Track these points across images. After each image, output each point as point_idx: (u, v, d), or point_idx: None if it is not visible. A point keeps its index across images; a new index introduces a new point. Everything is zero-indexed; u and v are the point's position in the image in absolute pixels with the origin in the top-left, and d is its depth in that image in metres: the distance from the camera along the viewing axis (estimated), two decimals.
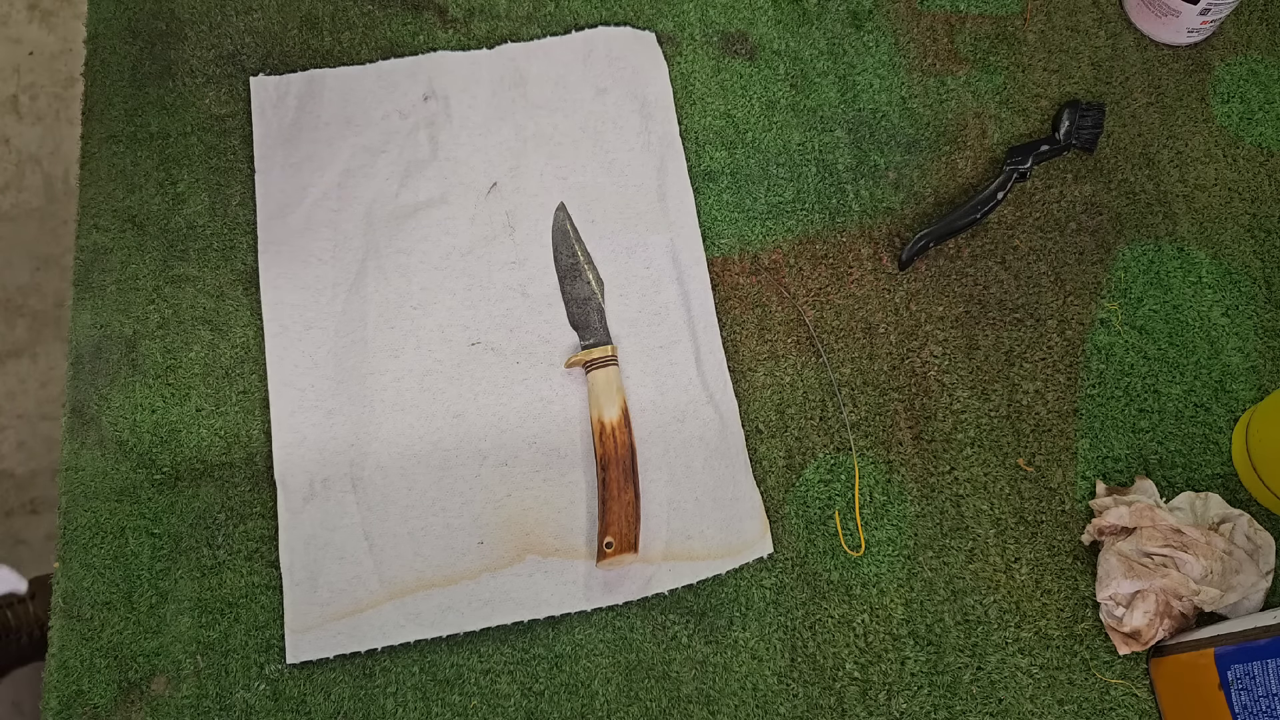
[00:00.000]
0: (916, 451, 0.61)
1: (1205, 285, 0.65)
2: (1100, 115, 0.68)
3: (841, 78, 0.70)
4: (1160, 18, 0.69)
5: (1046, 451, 0.61)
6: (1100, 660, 0.56)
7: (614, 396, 0.59)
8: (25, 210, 1.37)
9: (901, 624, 0.57)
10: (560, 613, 0.56)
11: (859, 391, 0.62)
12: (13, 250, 1.34)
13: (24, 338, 1.31)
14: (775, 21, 0.71)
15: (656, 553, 0.58)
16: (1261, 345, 0.63)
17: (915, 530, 0.59)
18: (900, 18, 0.72)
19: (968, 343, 0.63)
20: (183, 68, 0.69)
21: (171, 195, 0.66)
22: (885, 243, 0.66)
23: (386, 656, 0.56)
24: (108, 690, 0.55)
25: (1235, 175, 0.67)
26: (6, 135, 0.68)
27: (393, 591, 0.56)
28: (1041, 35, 0.71)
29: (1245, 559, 0.56)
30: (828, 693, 0.56)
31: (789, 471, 0.60)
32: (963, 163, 0.68)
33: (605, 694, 0.56)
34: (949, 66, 0.70)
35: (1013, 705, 0.56)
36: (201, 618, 0.56)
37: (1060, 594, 0.58)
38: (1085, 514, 0.59)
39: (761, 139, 0.68)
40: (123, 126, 0.67)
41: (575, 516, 0.58)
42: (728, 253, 0.65)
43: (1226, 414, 0.62)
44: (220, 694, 0.55)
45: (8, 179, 1.38)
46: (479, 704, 0.55)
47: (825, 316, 0.64)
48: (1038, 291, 0.64)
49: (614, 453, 0.58)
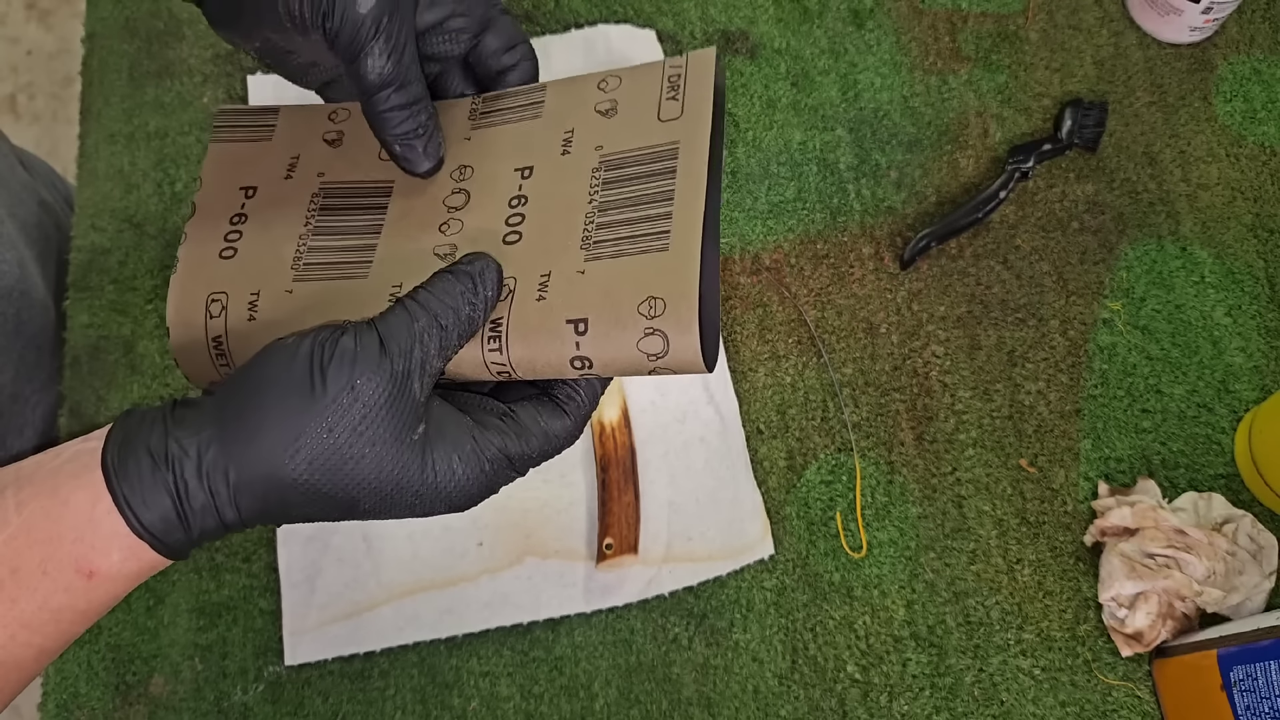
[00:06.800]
0: (918, 452, 0.60)
1: (1208, 285, 0.64)
2: (1102, 114, 0.67)
3: (843, 76, 0.70)
4: (1163, 16, 0.69)
5: (1049, 452, 0.61)
6: (1103, 662, 0.56)
7: (614, 397, 0.59)
8: None
9: (903, 625, 0.57)
10: (560, 615, 0.56)
11: (860, 392, 0.62)
12: None
13: None
14: (776, 20, 0.71)
15: (657, 554, 0.57)
16: (1265, 345, 0.63)
17: (917, 531, 0.59)
18: (902, 16, 0.71)
19: (970, 343, 0.63)
20: (181, 67, 0.69)
21: (170, 195, 0.65)
22: (887, 242, 0.65)
23: (385, 659, 0.56)
24: (105, 692, 0.55)
25: (1238, 174, 0.67)
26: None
27: (391, 593, 0.56)
28: (1044, 34, 0.71)
29: (1248, 560, 0.56)
30: (829, 695, 0.56)
31: (790, 472, 0.60)
32: (965, 162, 0.68)
33: (605, 696, 0.55)
34: (951, 65, 0.70)
35: (1015, 707, 0.55)
36: (199, 620, 0.56)
37: (1063, 595, 0.57)
38: (1088, 515, 0.59)
39: (762, 138, 0.68)
40: (120, 126, 0.67)
41: (575, 518, 0.58)
42: (728, 252, 0.65)
43: (1229, 414, 0.61)
44: (218, 696, 0.55)
45: None
46: (478, 706, 0.55)
47: (826, 316, 0.63)
48: (1040, 291, 0.64)
49: (614, 454, 0.58)
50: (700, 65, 0.39)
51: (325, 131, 0.44)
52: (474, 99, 0.43)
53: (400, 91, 0.39)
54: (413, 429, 0.33)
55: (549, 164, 0.40)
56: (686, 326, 0.34)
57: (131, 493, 0.32)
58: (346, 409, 0.32)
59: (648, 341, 0.34)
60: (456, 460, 0.34)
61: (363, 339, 0.33)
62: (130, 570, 0.33)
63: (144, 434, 0.33)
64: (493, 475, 0.35)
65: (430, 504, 0.34)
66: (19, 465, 0.34)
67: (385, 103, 0.39)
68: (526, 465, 0.37)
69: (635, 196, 0.37)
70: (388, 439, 0.33)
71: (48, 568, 0.32)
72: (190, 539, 0.33)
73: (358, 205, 0.42)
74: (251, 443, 0.32)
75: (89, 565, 0.32)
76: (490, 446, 0.35)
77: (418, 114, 0.39)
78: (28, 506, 0.32)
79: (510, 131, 0.42)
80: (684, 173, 0.37)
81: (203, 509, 0.32)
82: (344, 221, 0.41)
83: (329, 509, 0.34)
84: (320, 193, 0.42)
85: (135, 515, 0.32)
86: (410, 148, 0.40)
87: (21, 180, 0.68)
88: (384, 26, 0.37)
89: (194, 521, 0.32)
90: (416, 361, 0.33)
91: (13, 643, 0.32)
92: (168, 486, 0.32)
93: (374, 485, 0.33)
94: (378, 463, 0.33)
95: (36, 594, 0.32)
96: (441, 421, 0.34)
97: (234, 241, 0.42)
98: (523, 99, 0.42)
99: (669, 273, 0.35)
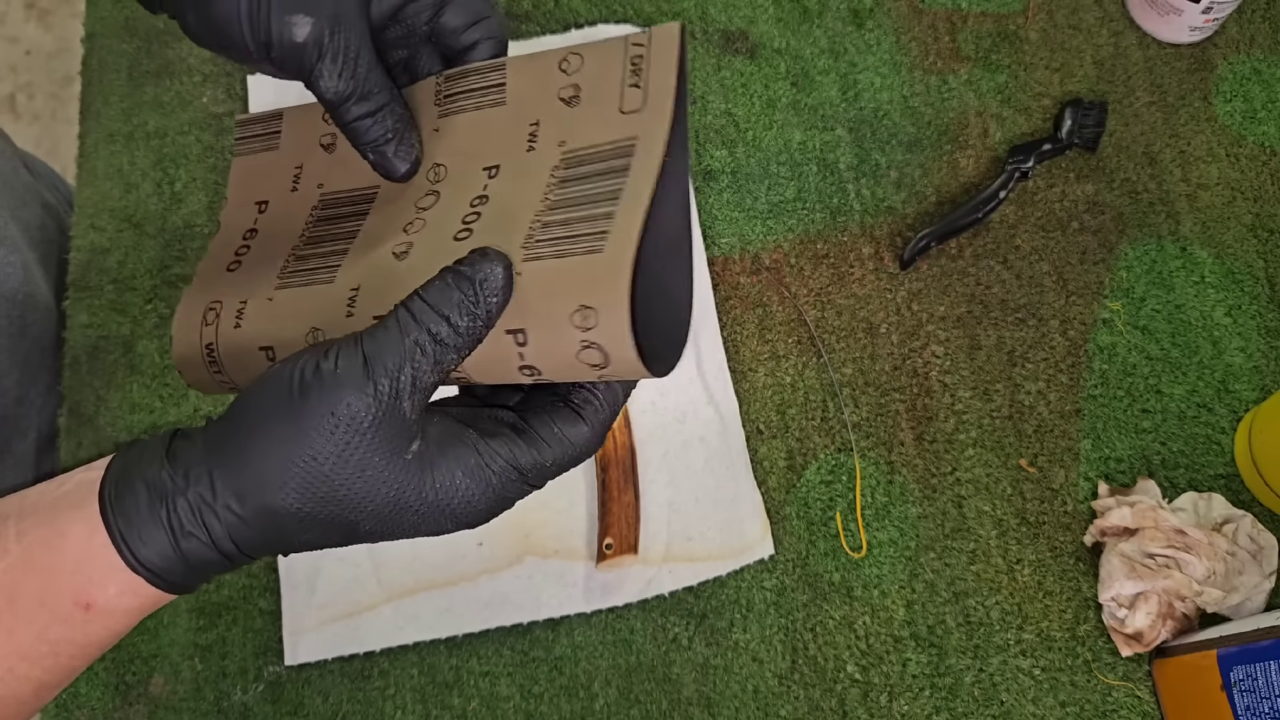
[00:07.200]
0: (918, 452, 0.60)
1: (1208, 285, 0.64)
2: (1102, 114, 0.67)
3: (843, 76, 0.70)
4: (1163, 16, 0.69)
5: (1049, 452, 0.61)
6: (1103, 662, 0.56)
7: None
8: None
9: (903, 626, 0.57)
10: (560, 615, 0.56)
11: (860, 392, 0.62)
12: None
13: None
14: (776, 20, 0.71)
15: (656, 554, 0.57)
16: (1265, 345, 0.63)
17: (917, 531, 0.59)
18: (902, 16, 0.71)
19: (970, 343, 0.63)
20: (180, 66, 0.68)
21: (169, 194, 0.65)
22: (887, 242, 0.65)
23: (385, 659, 0.56)
24: (105, 691, 0.55)
25: (1238, 174, 0.67)
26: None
27: (391, 593, 0.56)
28: (1043, 33, 0.71)
29: (1248, 560, 0.56)
30: (829, 695, 0.56)
31: (790, 472, 0.60)
32: (965, 161, 0.68)
33: (605, 696, 0.55)
34: (951, 65, 0.70)
35: (1015, 707, 0.55)
36: (199, 619, 0.56)
37: (1062, 595, 0.57)
38: (1087, 515, 0.59)
39: (762, 138, 0.68)
40: (120, 125, 0.67)
41: (575, 518, 0.58)
42: (728, 252, 0.65)
43: (1229, 414, 0.61)
44: (218, 696, 0.55)
45: None
46: (478, 706, 0.55)
47: (826, 316, 0.63)
48: (1040, 291, 0.64)
49: (614, 454, 0.58)
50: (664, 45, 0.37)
51: (322, 135, 0.44)
52: (437, 78, 0.42)
53: (361, 102, 0.38)
54: (404, 449, 0.32)
55: (513, 162, 0.39)
56: (620, 339, 0.32)
57: (128, 527, 0.31)
58: (329, 435, 0.31)
59: (587, 354, 0.33)
60: (460, 475, 0.32)
61: (344, 360, 0.31)
62: (129, 605, 0.32)
63: (141, 467, 0.32)
64: (501, 489, 0.33)
65: (436, 522, 0.33)
66: (24, 494, 0.33)
67: (349, 115, 0.38)
68: (542, 476, 0.34)
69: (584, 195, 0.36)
70: (378, 462, 0.31)
71: (45, 599, 0.31)
72: (189, 575, 0.32)
73: (347, 214, 0.41)
74: (241, 475, 0.31)
75: (86, 597, 0.31)
76: (497, 459, 0.33)
77: (383, 119, 0.39)
78: (28, 536, 0.32)
79: (477, 122, 0.40)
80: (636, 171, 0.35)
81: (199, 545, 0.32)
82: (332, 229, 0.41)
83: (330, 534, 0.33)
84: (319, 204, 0.42)
85: (131, 551, 0.31)
86: (381, 154, 0.39)
87: (25, 182, 0.68)
88: (327, 46, 0.37)
89: (190, 555, 0.32)
90: (406, 381, 0.31)
91: (10, 675, 0.32)
92: (163, 522, 0.31)
93: (371, 508, 0.32)
94: (371, 486, 0.31)
95: (34, 625, 0.32)
96: (442, 437, 0.33)
97: (241, 255, 0.42)
98: (483, 79, 0.41)
99: (601, 279, 0.33)
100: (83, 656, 0.33)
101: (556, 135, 0.38)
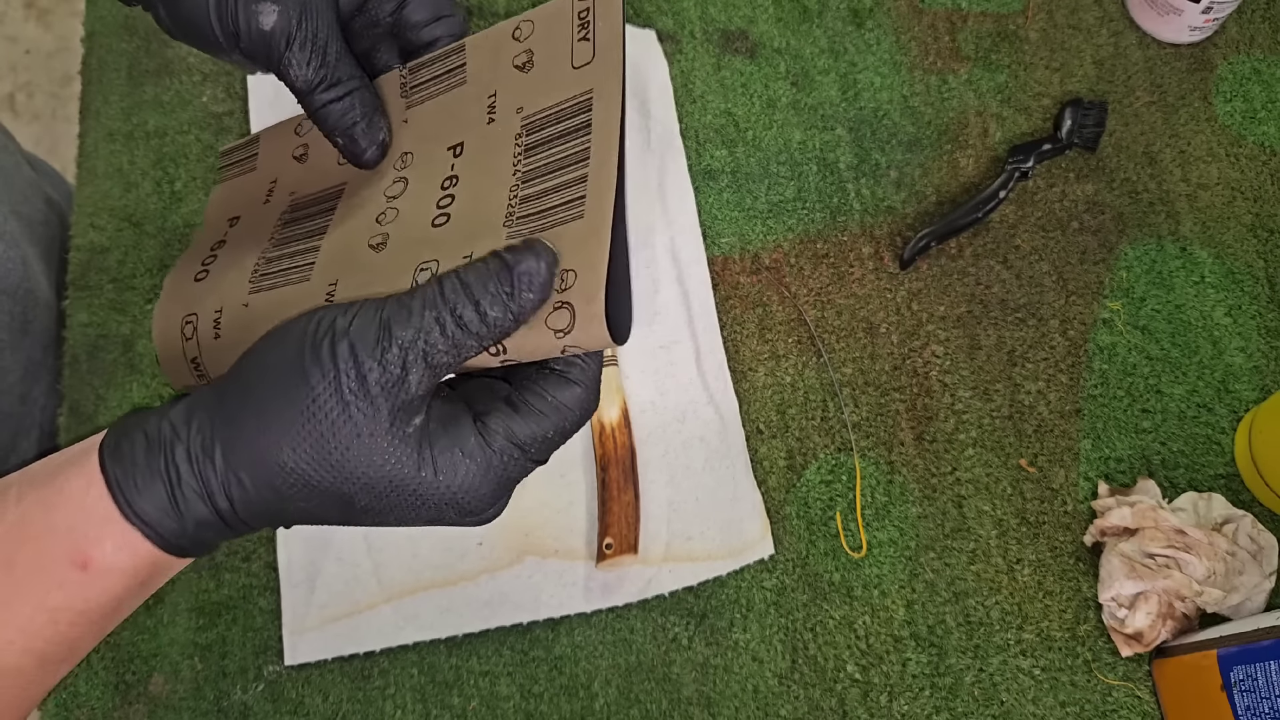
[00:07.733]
0: (918, 452, 0.60)
1: (1208, 285, 0.64)
2: (1102, 114, 0.67)
3: (843, 76, 0.70)
4: (1163, 16, 0.69)
5: (1049, 452, 0.61)
6: (1103, 662, 0.56)
7: (614, 397, 0.59)
8: None
9: (903, 625, 0.57)
10: (560, 614, 0.56)
11: (860, 392, 0.62)
12: None
13: None
14: (776, 19, 0.71)
15: (656, 554, 0.57)
16: (1265, 345, 0.63)
17: (917, 531, 0.59)
18: (901, 16, 0.71)
19: (970, 342, 0.63)
20: (180, 65, 0.68)
21: (169, 194, 0.65)
22: (887, 242, 0.65)
23: (385, 658, 0.56)
24: (105, 691, 0.55)
25: (1238, 174, 0.67)
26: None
27: (391, 593, 0.56)
28: (1043, 33, 0.71)
29: (1248, 560, 0.56)
30: (829, 695, 0.56)
31: (790, 472, 0.60)
32: (964, 161, 0.68)
33: (605, 696, 0.55)
34: (950, 65, 0.70)
35: (1015, 707, 0.55)
36: (199, 619, 0.56)
37: (1062, 595, 0.57)
38: (1087, 515, 0.59)
39: (762, 137, 0.68)
40: (120, 125, 0.67)
41: (575, 518, 0.58)
42: (728, 252, 0.65)
43: (1229, 414, 0.61)
44: (218, 695, 0.55)
45: None
46: (478, 706, 0.55)
47: (826, 316, 0.63)
48: (1040, 291, 0.64)
49: (614, 453, 0.58)
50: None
51: (294, 148, 0.44)
52: (401, 71, 0.42)
53: (330, 89, 0.39)
54: (406, 421, 0.31)
55: (476, 137, 0.38)
56: (592, 295, 0.31)
57: (124, 476, 0.31)
58: (332, 392, 0.30)
59: (555, 316, 0.32)
60: (460, 455, 0.32)
61: (360, 320, 0.31)
62: (126, 564, 0.32)
63: (142, 420, 0.32)
64: (503, 468, 0.33)
65: (437, 507, 0.33)
66: (29, 466, 0.33)
67: (317, 102, 0.39)
68: (544, 449, 0.34)
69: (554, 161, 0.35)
70: (376, 429, 0.31)
71: (43, 561, 0.31)
72: (185, 529, 0.32)
73: (314, 212, 0.41)
74: (238, 425, 0.31)
75: (83, 555, 0.31)
76: (496, 435, 0.33)
77: (352, 105, 0.39)
78: (26, 499, 0.32)
79: (440, 104, 0.40)
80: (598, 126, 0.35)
81: (194, 495, 0.31)
82: (299, 229, 0.41)
83: (325, 504, 0.32)
84: (289, 208, 0.42)
85: (126, 499, 0.31)
86: (350, 137, 0.40)
87: (27, 178, 0.68)
88: (295, 35, 0.37)
89: (186, 509, 0.31)
90: (418, 354, 0.31)
91: (11, 649, 0.32)
92: (160, 471, 0.31)
93: (366, 479, 0.31)
94: (367, 453, 0.31)
95: (33, 592, 0.31)
96: (444, 417, 0.33)
97: (208, 265, 0.42)
98: (445, 64, 0.41)
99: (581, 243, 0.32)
100: (83, 623, 0.32)
101: (514, 103, 0.38)
